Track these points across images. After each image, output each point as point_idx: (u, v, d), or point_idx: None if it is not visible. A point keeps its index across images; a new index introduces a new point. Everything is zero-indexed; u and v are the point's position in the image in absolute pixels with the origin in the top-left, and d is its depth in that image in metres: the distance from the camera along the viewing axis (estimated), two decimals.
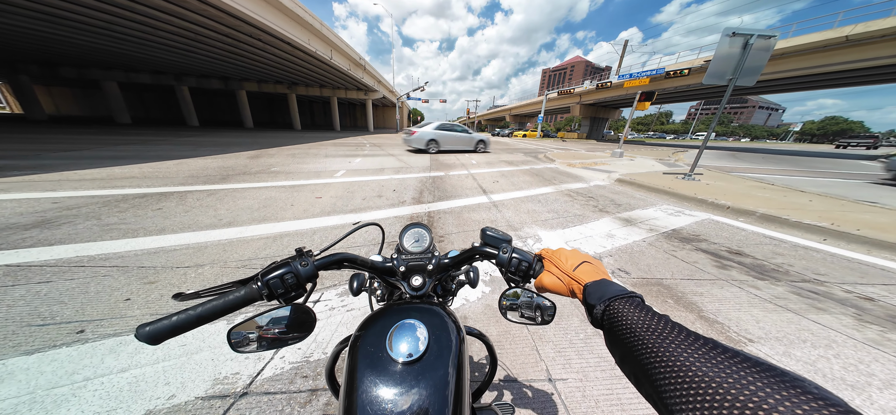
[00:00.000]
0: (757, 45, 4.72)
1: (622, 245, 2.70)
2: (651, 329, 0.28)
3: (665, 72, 21.45)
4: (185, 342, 1.30)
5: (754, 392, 0.19)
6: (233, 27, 11.03)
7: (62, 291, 1.63)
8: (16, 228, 2.44)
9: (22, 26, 12.40)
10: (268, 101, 37.93)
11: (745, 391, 0.19)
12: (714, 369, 0.21)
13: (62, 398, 1.04)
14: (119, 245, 2.24)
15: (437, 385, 0.34)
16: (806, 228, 3.17)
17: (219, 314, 0.38)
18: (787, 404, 0.17)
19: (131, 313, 1.49)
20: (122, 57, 17.59)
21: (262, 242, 2.45)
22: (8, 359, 1.19)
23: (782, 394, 0.18)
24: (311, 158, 7.60)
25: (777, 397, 0.18)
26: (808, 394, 0.18)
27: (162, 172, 5.00)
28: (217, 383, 1.13)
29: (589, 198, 4.48)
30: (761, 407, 0.18)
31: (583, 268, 0.42)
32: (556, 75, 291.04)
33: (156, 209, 3.11)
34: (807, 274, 2.26)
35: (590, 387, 1.21)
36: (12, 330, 1.34)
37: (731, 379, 0.20)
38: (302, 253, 0.46)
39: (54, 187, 3.70)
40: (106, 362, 1.19)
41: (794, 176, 7.63)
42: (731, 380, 0.20)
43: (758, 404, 0.18)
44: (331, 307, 1.63)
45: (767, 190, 5.00)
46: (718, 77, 5.05)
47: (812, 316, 1.74)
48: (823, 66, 17.19)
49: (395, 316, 0.41)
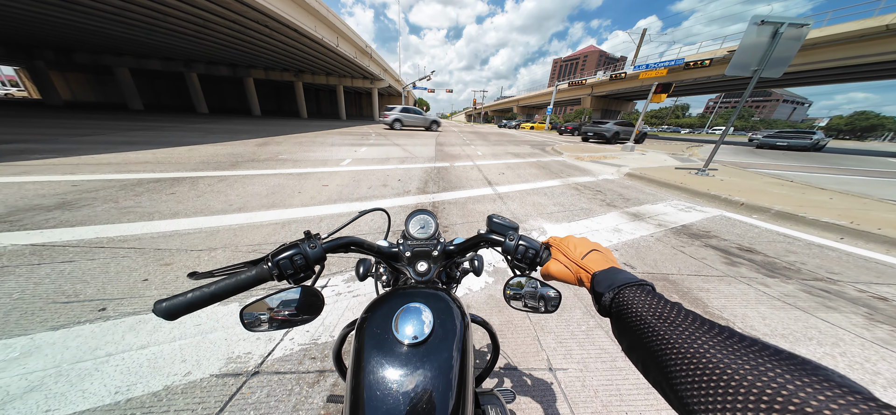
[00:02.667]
0: (787, 34, 4.44)
1: (629, 240, 2.66)
2: (663, 317, 0.27)
3: (684, 63, 20.49)
4: (200, 322, 1.36)
5: (772, 379, 0.18)
6: (240, 13, 10.97)
7: (84, 271, 1.72)
8: (39, 210, 2.55)
9: (35, 12, 12.59)
10: (275, 89, 38.00)
11: (763, 378, 0.18)
12: (729, 356, 0.21)
13: (86, 372, 1.11)
14: (136, 228, 2.33)
15: (442, 368, 0.35)
16: (823, 227, 3.06)
17: (231, 293, 0.40)
18: (807, 391, 0.16)
19: (149, 293, 1.56)
20: (132, 43, 17.79)
21: (271, 227, 2.51)
22: (36, 334, 1.27)
23: (802, 381, 0.17)
24: (318, 147, 7.65)
25: (797, 383, 0.17)
26: (830, 381, 0.17)
27: (174, 157, 5.11)
28: (230, 361, 1.19)
29: (596, 192, 4.41)
30: (779, 394, 0.17)
31: (592, 256, 0.41)
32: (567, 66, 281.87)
33: (169, 194, 3.20)
34: (819, 272, 2.21)
35: (590, 377, 1.22)
36: (39, 306, 1.42)
37: (747, 366, 0.19)
38: (310, 236, 0.47)
39: (73, 171, 3.83)
40: (126, 339, 1.26)
41: (815, 173, 7.32)
42: (748, 367, 0.19)
43: (776, 390, 0.17)
44: (337, 292, 1.67)
45: (785, 187, 4.83)
46: (743, 68, 4.80)
47: (821, 314, 1.71)
48: (858, 57, 16.11)
49: (400, 299, 0.42)
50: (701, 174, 5.57)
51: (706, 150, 12.79)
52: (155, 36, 15.35)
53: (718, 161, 8.32)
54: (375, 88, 29.93)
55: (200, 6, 10.49)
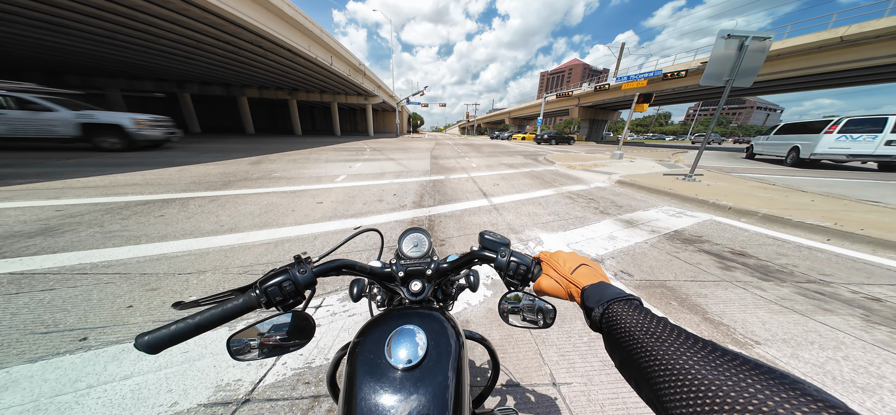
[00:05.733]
0: (752, 46, 4.75)
1: (624, 247, 2.69)
2: (649, 332, 0.27)
3: (662, 74, 21.55)
4: (188, 349, 1.30)
5: (754, 395, 0.19)
6: (234, 34, 11.15)
7: (65, 299, 1.63)
8: (19, 236, 2.45)
9: (21, 34, 12.55)
10: (269, 107, 38.19)
11: (745, 394, 0.19)
12: (713, 371, 0.21)
13: (66, 406, 1.03)
14: (122, 252, 2.24)
15: (437, 391, 0.34)
16: (809, 229, 3.15)
17: (217, 323, 0.39)
18: (786, 406, 0.17)
19: (133, 320, 1.49)
20: (124, 65, 17.79)
21: (263, 247, 2.46)
22: (12, 367, 1.18)
23: (782, 396, 0.18)
24: (313, 163, 7.63)
25: (777, 399, 0.18)
26: (808, 396, 0.18)
27: (164, 178, 5.02)
28: (219, 389, 1.13)
29: (590, 200, 4.48)
30: (761, 410, 0.18)
31: (580, 271, 0.41)
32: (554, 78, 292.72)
33: (158, 216, 3.12)
34: (812, 275, 2.25)
35: (595, 391, 1.19)
36: (16, 338, 1.34)
37: (730, 382, 0.20)
38: (300, 260, 0.46)
39: (58, 195, 3.72)
40: (109, 370, 1.19)
41: (795, 176, 7.61)
42: (731, 383, 0.20)
43: (757, 406, 0.18)
44: (332, 313, 1.62)
45: (769, 190, 4.99)
46: (715, 79, 5.07)
47: (819, 317, 1.72)
48: (819, 67, 17.22)
49: (393, 322, 0.41)
50: (688, 179, 5.73)
51: (690, 155, 13.25)
52: (147, 58, 15.42)
53: (703, 166, 8.60)
54: (369, 104, 30.39)
55: (194, 28, 10.64)
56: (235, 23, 9.94)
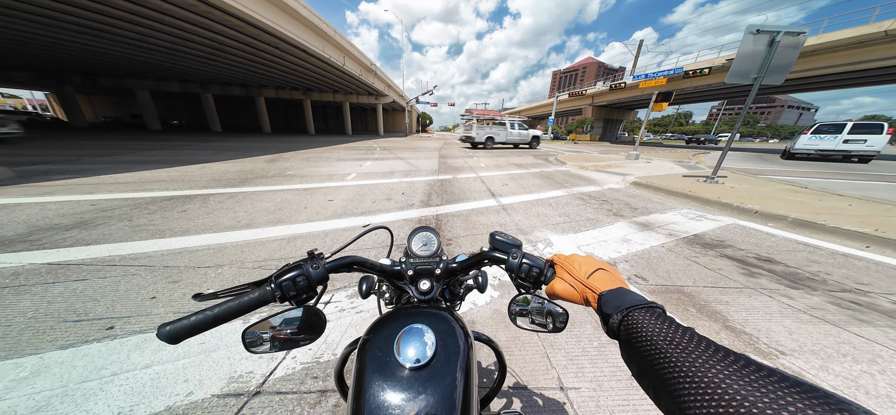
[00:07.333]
0: (784, 42, 4.44)
1: (639, 250, 2.59)
2: (675, 343, 0.26)
3: (683, 71, 20.60)
4: (204, 341, 1.36)
5: (794, 414, 0.17)
6: (253, 36, 11.59)
7: (96, 289, 1.75)
8: (58, 229, 2.64)
9: (65, 39, 13.53)
10: (284, 107, 39.44)
11: (784, 413, 0.17)
12: (747, 386, 0.20)
13: (91, 392, 1.10)
14: (147, 245, 2.38)
15: (445, 392, 0.34)
16: (846, 235, 2.93)
17: (234, 315, 0.40)
18: None
19: (156, 311, 1.57)
20: (153, 67, 18.86)
21: (277, 243, 2.53)
22: (45, 353, 1.28)
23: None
24: (324, 162, 7.81)
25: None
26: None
27: (187, 175, 5.28)
28: (232, 381, 1.17)
29: (602, 201, 4.35)
30: None
31: (598, 275, 0.40)
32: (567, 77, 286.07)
33: (181, 211, 3.28)
34: (847, 283, 2.09)
35: (604, 397, 1.16)
36: (50, 325, 1.44)
37: (767, 398, 0.18)
38: (313, 256, 0.47)
39: (92, 190, 3.99)
40: (131, 358, 1.26)
41: (830, 179, 7.09)
42: (767, 399, 0.18)
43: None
44: (341, 309, 1.65)
45: (800, 193, 4.67)
46: (742, 76, 4.79)
47: (853, 328, 1.60)
48: (861, 63, 15.94)
49: (402, 321, 0.41)
50: (710, 182, 5.46)
51: (713, 156, 12.59)
52: (174, 59, 16.26)
53: (726, 168, 8.16)
54: (380, 104, 30.79)
55: (218, 31, 11.14)
56: (254, 24, 10.32)
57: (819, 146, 12.40)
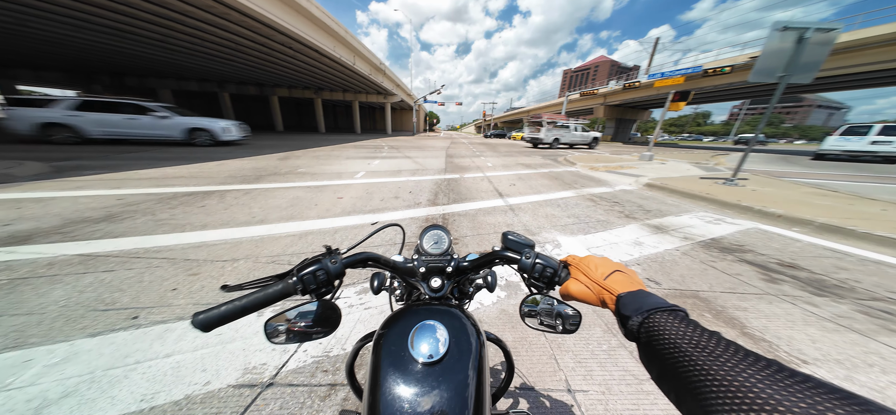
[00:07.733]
0: (814, 39, 4.20)
1: (652, 254, 2.52)
2: (700, 346, 0.25)
3: (703, 70, 19.80)
4: (221, 332, 1.41)
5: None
6: (268, 36, 11.91)
7: (122, 280, 1.84)
8: (89, 222, 2.80)
9: (95, 40, 14.29)
10: (296, 106, 40.25)
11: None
12: (781, 391, 0.19)
13: (115, 379, 1.17)
14: (169, 239, 2.49)
15: (458, 388, 0.34)
16: (877, 241, 2.76)
17: (260, 306, 0.41)
18: None
19: (177, 302, 1.65)
20: (174, 67, 19.68)
21: (289, 239, 2.60)
22: (76, 340, 1.36)
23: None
24: (334, 160, 7.95)
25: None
26: None
27: (206, 172, 5.48)
28: (247, 372, 1.22)
29: (614, 203, 4.25)
30: None
31: (615, 277, 0.39)
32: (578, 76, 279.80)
33: (200, 206, 3.42)
34: (878, 291, 1.97)
35: (613, 401, 1.14)
36: (81, 314, 1.53)
37: (803, 404, 0.18)
38: (331, 251, 0.48)
39: (119, 185, 4.20)
40: (154, 347, 1.33)
41: (862, 182, 6.68)
42: (804, 406, 0.18)
43: None
44: (350, 305, 1.69)
45: (828, 197, 4.43)
46: (767, 74, 4.56)
47: (882, 338, 1.51)
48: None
49: (416, 317, 0.42)
50: (729, 184, 5.24)
51: (733, 159, 12.08)
52: (194, 60, 16.91)
53: (748, 170, 7.81)
54: (388, 103, 31.02)
55: (235, 32, 11.51)
56: (269, 25, 10.61)
57: (846, 147, 12.65)
